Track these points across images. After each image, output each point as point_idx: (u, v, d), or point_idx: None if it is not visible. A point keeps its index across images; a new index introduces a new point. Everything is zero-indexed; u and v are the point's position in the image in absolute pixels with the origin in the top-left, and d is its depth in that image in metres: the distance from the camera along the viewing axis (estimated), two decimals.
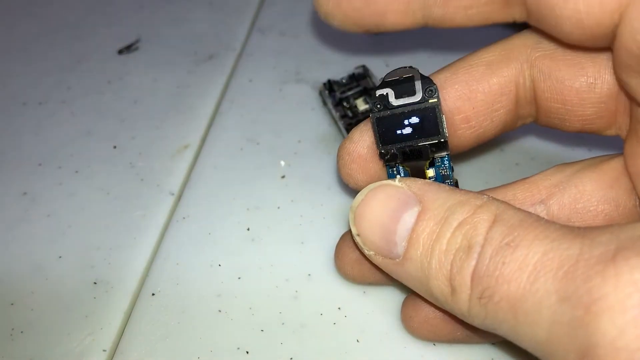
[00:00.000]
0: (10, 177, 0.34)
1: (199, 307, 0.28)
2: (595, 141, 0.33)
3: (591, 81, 0.24)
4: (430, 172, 0.25)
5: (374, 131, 0.24)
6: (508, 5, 0.23)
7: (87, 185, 0.34)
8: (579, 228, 0.18)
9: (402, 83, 0.24)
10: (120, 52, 0.41)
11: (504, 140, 0.34)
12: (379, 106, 0.24)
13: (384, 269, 0.23)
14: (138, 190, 0.33)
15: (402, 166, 0.25)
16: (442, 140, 0.23)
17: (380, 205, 0.22)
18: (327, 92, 0.36)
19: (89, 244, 0.31)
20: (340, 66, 0.38)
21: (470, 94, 0.25)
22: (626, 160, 0.24)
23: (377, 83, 0.35)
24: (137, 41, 0.41)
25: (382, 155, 0.24)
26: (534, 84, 0.25)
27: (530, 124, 0.27)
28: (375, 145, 0.25)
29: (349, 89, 0.35)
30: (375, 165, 0.26)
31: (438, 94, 0.23)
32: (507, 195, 0.26)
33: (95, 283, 0.30)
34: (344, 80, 0.36)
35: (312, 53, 0.40)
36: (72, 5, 0.44)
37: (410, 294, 0.26)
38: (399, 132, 0.24)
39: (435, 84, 0.24)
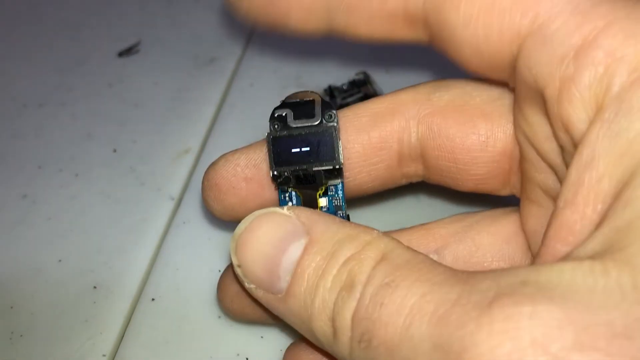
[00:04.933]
0: (11, 179, 0.34)
1: (199, 313, 0.28)
2: None
3: (483, 139, 0.23)
4: (323, 202, 0.24)
5: (268, 151, 0.23)
6: (411, 25, 0.22)
7: (88, 188, 0.34)
8: (463, 272, 0.17)
9: (303, 105, 0.23)
10: (121, 54, 0.41)
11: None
12: (276, 126, 0.23)
13: (265, 305, 0.21)
14: (138, 194, 0.33)
15: (295, 191, 0.24)
16: (337, 166, 0.23)
17: (265, 234, 0.20)
18: (328, 97, 0.36)
19: (89, 248, 0.31)
20: (341, 72, 0.38)
21: (347, 144, 0.24)
22: (521, 219, 0.24)
23: (377, 90, 0.36)
24: (137, 44, 0.41)
25: (275, 178, 0.24)
26: (422, 141, 0.24)
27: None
28: (232, 174, 0.24)
29: (350, 95, 0.35)
30: (232, 197, 0.25)
31: (337, 119, 0.23)
32: (402, 240, 0.24)
33: (95, 287, 0.30)
34: (344, 87, 0.36)
35: (313, 58, 0.40)
36: (72, 7, 0.44)
37: (295, 340, 0.25)
38: (294, 154, 0.23)
39: (335, 109, 0.23)
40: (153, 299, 0.29)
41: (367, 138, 0.24)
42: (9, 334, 0.28)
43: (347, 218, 0.24)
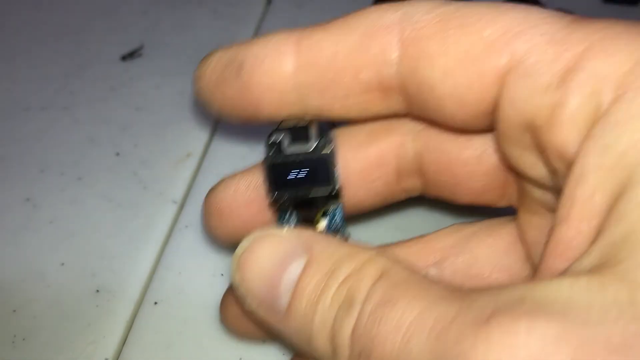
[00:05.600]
0: (13, 183, 0.34)
1: (201, 317, 0.28)
2: None
3: (478, 153, 0.23)
4: (322, 223, 0.24)
5: (265, 177, 0.23)
6: (387, 94, 0.22)
7: (90, 192, 0.34)
8: (461, 289, 0.17)
9: (298, 130, 0.23)
10: (124, 58, 0.41)
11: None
12: (272, 152, 0.23)
13: (266, 324, 0.21)
14: (141, 198, 0.33)
15: (295, 212, 0.24)
16: (334, 192, 0.23)
17: (266, 254, 0.21)
18: None
19: (91, 252, 0.31)
20: None
21: (345, 162, 0.24)
22: (521, 230, 0.24)
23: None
24: (140, 48, 0.41)
25: (273, 203, 0.23)
26: (419, 156, 0.24)
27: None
28: (231, 198, 0.24)
29: None
30: (233, 222, 0.25)
31: (333, 144, 0.23)
32: (400, 254, 0.24)
33: (97, 291, 0.30)
34: None
35: None
36: (75, 11, 0.45)
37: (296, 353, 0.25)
38: (291, 180, 0.23)
39: (331, 133, 0.23)
40: (156, 303, 0.29)
41: (365, 156, 0.24)
42: (11, 337, 0.28)
43: (347, 238, 0.24)
